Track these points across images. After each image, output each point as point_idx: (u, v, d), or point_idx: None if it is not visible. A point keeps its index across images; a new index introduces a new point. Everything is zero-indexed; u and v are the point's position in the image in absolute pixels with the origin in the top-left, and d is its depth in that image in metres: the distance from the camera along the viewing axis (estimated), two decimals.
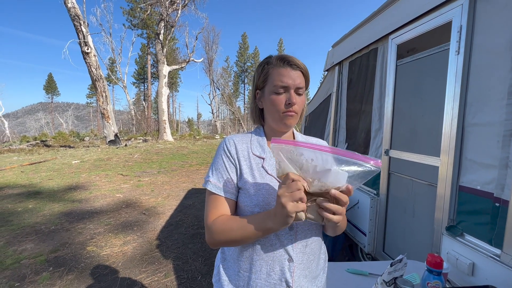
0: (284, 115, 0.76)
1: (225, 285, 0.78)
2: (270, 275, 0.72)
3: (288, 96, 0.75)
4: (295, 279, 0.72)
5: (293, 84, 0.74)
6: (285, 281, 0.72)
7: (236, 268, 0.77)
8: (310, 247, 0.76)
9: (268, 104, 0.78)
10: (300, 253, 0.73)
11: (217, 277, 0.83)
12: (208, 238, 0.73)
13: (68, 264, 2.60)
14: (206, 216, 0.75)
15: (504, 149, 1.16)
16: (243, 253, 0.75)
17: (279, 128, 0.82)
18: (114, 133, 12.44)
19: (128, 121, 34.58)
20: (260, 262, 0.73)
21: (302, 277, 0.74)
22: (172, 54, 30.48)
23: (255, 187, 0.74)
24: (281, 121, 0.78)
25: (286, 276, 0.72)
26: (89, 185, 5.65)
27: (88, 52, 11.22)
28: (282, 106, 0.75)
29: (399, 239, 1.91)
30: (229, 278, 0.78)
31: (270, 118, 0.81)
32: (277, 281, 0.72)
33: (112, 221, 3.73)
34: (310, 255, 0.76)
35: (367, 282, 1.28)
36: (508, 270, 1.10)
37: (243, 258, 0.75)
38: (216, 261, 0.88)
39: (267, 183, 0.75)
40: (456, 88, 1.39)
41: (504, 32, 1.18)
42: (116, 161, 8.58)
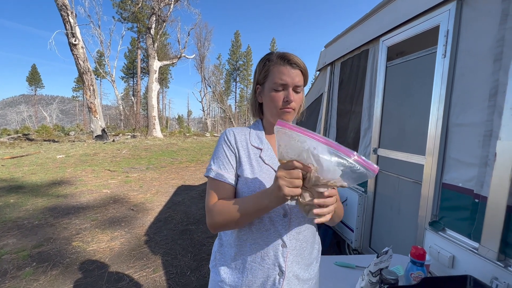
0: (281, 111, 0.79)
1: (221, 269, 0.81)
2: (264, 259, 0.75)
3: (286, 94, 0.78)
4: (288, 264, 0.75)
5: (292, 83, 0.77)
6: (278, 265, 0.75)
7: (233, 253, 0.79)
8: (303, 234, 0.79)
9: (267, 100, 0.81)
10: (293, 239, 0.76)
11: (213, 263, 0.86)
12: (208, 221, 0.75)
13: (53, 260, 2.54)
14: (207, 201, 0.78)
15: (484, 148, 1.23)
16: (239, 237, 0.78)
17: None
18: (101, 128, 12.13)
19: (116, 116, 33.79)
20: (255, 246, 0.76)
21: (295, 263, 0.76)
22: (163, 49, 29.97)
23: (252, 175, 0.77)
24: (279, 116, 0.81)
25: (280, 261, 0.74)
26: (74, 180, 5.50)
27: (75, 43, 10.88)
28: (280, 102, 0.78)
29: (385, 235, 1.98)
30: (225, 262, 0.81)
31: (269, 113, 0.84)
32: (271, 265, 0.75)
33: (99, 216, 3.66)
34: (303, 242, 0.79)
35: (354, 274, 1.33)
36: (485, 262, 1.17)
37: (240, 242, 0.78)
38: (214, 248, 0.90)
39: (264, 172, 0.78)
40: (442, 90, 1.46)
41: (486, 38, 1.24)
42: (103, 157, 8.38)
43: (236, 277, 0.78)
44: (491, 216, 1.16)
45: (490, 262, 1.14)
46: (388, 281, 1.07)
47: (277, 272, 0.75)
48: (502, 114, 1.12)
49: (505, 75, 1.14)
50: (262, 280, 0.76)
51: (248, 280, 0.77)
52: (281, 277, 0.75)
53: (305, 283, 0.80)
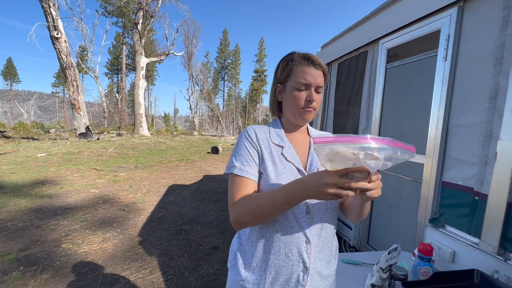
0: (303, 111, 0.81)
1: (242, 268, 0.81)
2: (288, 256, 0.75)
3: (308, 94, 0.79)
4: (312, 260, 0.76)
5: (315, 83, 0.79)
6: (302, 262, 0.75)
7: (254, 251, 0.79)
8: (325, 231, 0.80)
9: (289, 99, 0.82)
10: (316, 235, 0.77)
11: (233, 262, 0.85)
12: (233, 217, 0.73)
13: (42, 263, 2.42)
14: (231, 197, 0.76)
15: (484, 148, 1.29)
16: (262, 235, 0.78)
17: (297, 122, 0.86)
18: (85, 125, 11.68)
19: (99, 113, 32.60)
20: (279, 243, 0.76)
21: (317, 259, 0.77)
22: (149, 45, 29.26)
23: (276, 172, 0.77)
24: (300, 115, 0.82)
25: (304, 257, 0.75)
26: (59, 180, 5.27)
27: (58, 37, 10.40)
28: (302, 102, 0.80)
29: (383, 232, 2.03)
30: (246, 261, 0.81)
31: (290, 112, 0.85)
32: (295, 262, 0.75)
33: (88, 217, 3.52)
34: (325, 238, 0.80)
35: (361, 270, 1.36)
36: (485, 256, 1.23)
37: (263, 240, 0.78)
38: (232, 247, 0.90)
39: (287, 169, 0.78)
40: (442, 92, 1.51)
41: (487, 43, 1.30)
42: (88, 155, 8.08)
43: (259, 275, 0.78)
44: (491, 212, 1.22)
45: (491, 256, 1.20)
46: (398, 276, 1.10)
47: (301, 269, 0.75)
48: (503, 115, 1.18)
49: (505, 79, 1.20)
50: (286, 277, 0.76)
51: (271, 278, 0.77)
52: (305, 274, 0.75)
53: (326, 279, 0.81)
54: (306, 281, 0.75)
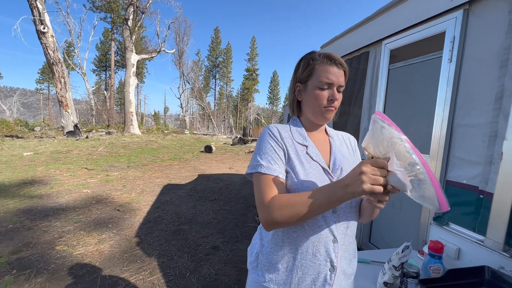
0: (325, 110, 0.81)
1: (265, 270, 0.80)
2: (315, 255, 0.75)
3: (331, 93, 0.79)
4: (339, 259, 0.76)
5: (337, 82, 0.79)
6: (330, 261, 0.75)
7: (279, 252, 0.78)
8: (351, 229, 0.80)
9: (311, 98, 0.82)
10: (342, 234, 0.77)
11: (254, 264, 0.84)
12: (267, 218, 0.71)
13: (36, 266, 2.33)
14: (260, 197, 0.73)
15: (489, 148, 1.33)
16: (289, 236, 0.77)
17: (317, 121, 0.86)
18: (73, 123, 11.35)
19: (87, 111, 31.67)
20: (307, 243, 0.75)
21: (343, 258, 0.77)
22: (139, 42, 28.69)
23: (304, 171, 0.76)
24: (322, 115, 0.82)
25: (331, 256, 0.75)
26: (48, 180, 5.09)
27: (44, 31, 10.04)
28: (324, 101, 0.80)
29: (385, 231, 2.07)
30: (269, 263, 0.79)
31: (311, 111, 0.84)
32: (322, 261, 0.75)
33: (82, 218, 3.42)
34: (350, 237, 0.80)
35: (370, 268, 1.37)
36: (490, 252, 1.26)
37: (288, 240, 0.77)
38: (252, 248, 0.89)
39: (314, 169, 0.78)
40: (447, 93, 1.55)
41: (492, 45, 1.34)
42: (78, 154, 7.85)
43: (285, 276, 0.77)
44: (497, 210, 1.26)
45: (496, 253, 1.24)
46: (411, 274, 1.12)
47: (328, 268, 0.75)
48: (508, 116, 1.22)
49: (510, 80, 1.24)
50: (312, 277, 0.75)
51: (297, 278, 0.76)
52: (332, 273, 0.75)
53: (349, 278, 0.82)
54: (334, 280, 0.75)
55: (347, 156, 0.87)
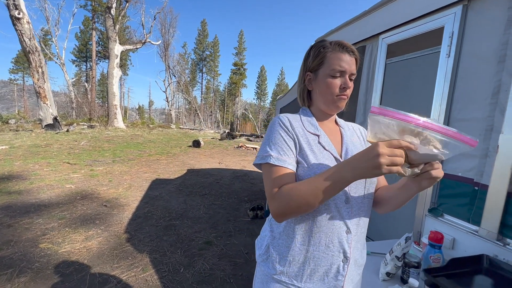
0: (337, 98, 0.79)
1: (276, 262, 0.78)
2: (328, 246, 0.74)
3: (343, 81, 0.78)
4: (352, 250, 0.75)
5: (349, 70, 0.78)
6: (343, 251, 0.74)
7: (291, 244, 0.76)
8: (363, 220, 0.80)
9: (323, 87, 0.80)
10: (355, 225, 0.76)
11: (264, 256, 0.82)
12: (275, 209, 0.70)
13: (18, 265, 2.20)
14: (269, 189, 0.72)
15: (485, 141, 1.37)
16: (300, 227, 0.75)
17: (329, 111, 0.84)
18: (52, 116, 10.78)
19: (66, 104, 30.21)
20: (320, 234, 0.74)
21: (355, 249, 0.77)
22: (122, 33, 27.58)
23: (316, 161, 0.74)
24: (334, 103, 0.81)
25: (345, 247, 0.74)
26: (27, 175, 4.82)
27: (19, 17, 9.39)
28: (337, 89, 0.78)
29: (380, 223, 2.11)
30: (281, 255, 0.78)
31: (322, 100, 0.82)
32: (336, 252, 0.74)
33: (66, 214, 3.26)
34: (362, 227, 0.80)
35: (370, 259, 1.39)
36: (484, 242, 1.31)
37: (300, 232, 0.75)
38: (261, 241, 0.87)
39: (326, 159, 0.76)
40: (444, 88, 1.58)
41: (491, 41, 1.37)
42: (59, 148, 7.48)
43: (297, 268, 0.76)
44: (492, 201, 1.30)
45: (490, 242, 1.28)
46: (412, 264, 1.15)
47: (341, 259, 0.74)
48: (505, 110, 1.26)
49: (508, 76, 1.27)
50: (325, 268, 0.74)
51: (310, 270, 0.75)
52: (345, 264, 0.75)
53: (360, 268, 0.82)
54: (347, 271, 0.75)
55: (358, 146, 0.86)
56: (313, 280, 0.75)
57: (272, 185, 0.72)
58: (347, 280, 0.76)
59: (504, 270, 1.07)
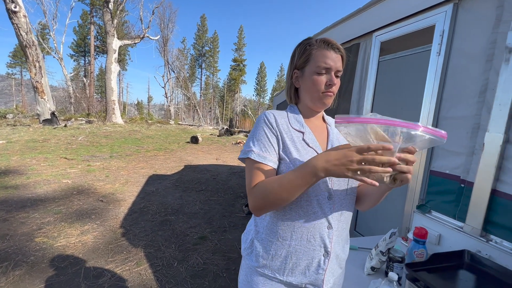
0: (323, 95, 0.80)
1: (259, 255, 0.80)
2: (310, 241, 0.76)
3: (329, 78, 0.80)
4: (333, 245, 0.77)
5: (335, 67, 0.80)
6: (324, 246, 0.76)
7: (273, 238, 0.78)
8: (344, 216, 0.81)
9: (309, 84, 0.81)
10: (336, 220, 0.78)
11: (249, 250, 0.84)
12: (252, 204, 0.73)
13: (13, 259, 2.22)
14: (248, 183, 0.75)
15: (472, 139, 1.39)
16: (283, 222, 0.77)
17: (315, 108, 0.86)
18: (50, 111, 10.75)
19: (64, 98, 30.05)
20: (301, 229, 0.76)
21: (336, 243, 0.79)
22: (120, 27, 27.35)
23: (299, 158, 0.76)
24: (320, 100, 0.82)
25: (326, 242, 0.76)
26: (24, 169, 4.83)
27: (16, 10, 9.30)
28: (322, 86, 0.79)
29: (370, 219, 2.14)
30: (264, 248, 0.80)
31: (308, 97, 0.84)
32: (317, 247, 0.76)
33: (63, 209, 3.29)
34: (344, 222, 0.82)
35: (358, 254, 1.42)
36: (469, 238, 1.34)
37: (283, 227, 0.77)
38: (247, 235, 0.89)
39: (310, 155, 0.77)
40: (434, 86, 1.59)
41: (480, 39, 1.38)
42: (56, 143, 7.48)
43: (279, 262, 0.78)
44: (476, 198, 1.32)
45: (474, 238, 1.31)
46: (396, 259, 1.17)
47: (322, 253, 0.76)
48: (491, 109, 1.27)
49: (495, 75, 1.29)
50: (307, 262, 0.76)
51: (292, 263, 0.77)
52: (326, 258, 0.77)
53: (342, 262, 0.84)
54: (327, 264, 0.77)
55: (344, 143, 0.88)
56: (295, 273, 0.77)
57: (251, 181, 0.75)
58: (328, 274, 0.78)
59: (484, 265, 1.09)
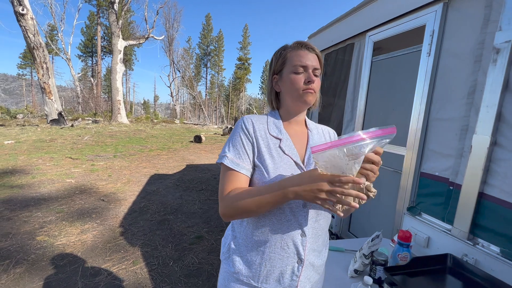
0: (304, 93, 0.79)
1: (236, 260, 0.81)
2: (283, 249, 0.76)
3: (306, 75, 0.79)
4: (306, 252, 0.77)
5: (311, 65, 0.79)
6: (297, 254, 0.76)
7: (249, 244, 0.79)
8: (319, 223, 0.81)
9: (288, 84, 0.81)
10: (311, 228, 0.78)
11: (226, 255, 0.85)
12: (222, 210, 0.74)
13: (15, 257, 2.29)
14: (221, 190, 0.77)
15: (461, 141, 1.37)
16: (258, 229, 0.77)
17: (298, 108, 0.85)
18: (57, 111, 10.97)
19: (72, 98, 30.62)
20: (275, 237, 0.76)
21: (311, 250, 0.78)
22: (126, 28, 27.66)
23: (273, 166, 0.76)
24: (301, 98, 0.80)
25: (299, 249, 0.76)
26: (30, 169, 4.95)
27: (23, 13, 9.50)
28: (301, 84, 0.79)
29: (363, 220, 2.13)
30: (240, 254, 0.80)
31: (289, 98, 0.83)
32: (290, 254, 0.76)
33: (64, 208, 3.37)
34: (319, 230, 0.81)
35: (344, 256, 1.42)
36: (456, 241, 1.32)
37: (258, 233, 0.77)
38: (225, 240, 0.89)
39: (285, 163, 0.77)
40: (425, 87, 1.57)
41: (469, 40, 1.36)
42: (62, 143, 7.64)
43: (254, 268, 0.78)
44: (464, 201, 1.31)
45: (461, 241, 1.30)
46: (379, 262, 1.17)
47: (296, 261, 0.76)
48: (479, 111, 1.25)
49: (483, 76, 1.26)
50: (281, 269, 0.76)
51: (266, 270, 0.77)
52: (300, 265, 0.76)
53: (319, 268, 0.83)
54: (301, 272, 0.77)
55: None
56: (269, 280, 0.77)
57: (223, 187, 0.76)
58: (303, 281, 0.77)
59: (467, 269, 1.08)
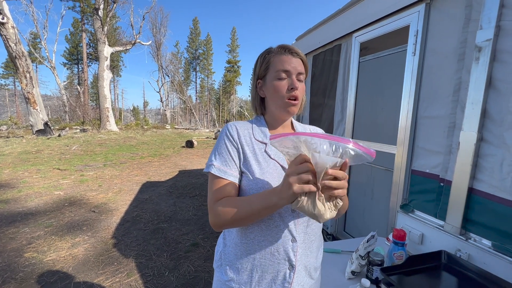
0: (287, 103, 0.79)
1: (228, 268, 0.80)
2: (274, 255, 0.75)
3: (290, 82, 0.78)
4: (298, 258, 0.76)
5: (295, 70, 0.78)
6: (288, 259, 0.75)
7: (239, 251, 0.78)
8: (311, 227, 0.80)
9: (271, 90, 0.80)
10: (302, 233, 0.77)
11: (218, 263, 0.84)
12: (212, 220, 0.73)
13: (1, 276, 2.20)
14: (210, 199, 0.75)
15: (448, 138, 1.39)
16: (247, 236, 0.77)
17: (281, 116, 0.84)
18: (43, 121, 10.68)
19: (59, 107, 29.83)
20: (265, 243, 0.75)
21: (304, 256, 0.78)
22: (112, 34, 27.26)
23: (260, 171, 0.75)
24: (284, 108, 0.80)
25: (290, 255, 0.75)
26: (16, 183, 4.78)
27: (3, 22, 9.23)
28: (284, 91, 0.78)
29: (358, 219, 2.14)
30: (231, 262, 0.79)
31: (273, 105, 0.83)
32: (281, 260, 0.75)
33: (53, 222, 3.26)
34: (311, 235, 0.80)
35: (341, 258, 1.42)
36: (449, 237, 1.34)
37: (247, 241, 0.76)
38: (217, 247, 0.88)
39: (271, 167, 0.77)
40: (411, 86, 1.60)
41: (451, 39, 1.39)
42: (49, 154, 7.43)
43: (245, 275, 0.77)
44: (455, 197, 1.33)
45: (454, 237, 1.32)
46: (376, 262, 1.17)
47: (287, 267, 0.75)
48: (465, 108, 1.28)
49: (467, 74, 1.29)
50: (272, 275, 0.76)
51: (258, 277, 0.76)
52: (292, 271, 0.75)
53: (313, 273, 0.83)
54: (293, 278, 0.76)
55: None
56: (261, 287, 0.76)
57: (212, 196, 0.75)
58: (295, 286, 0.77)
59: (461, 265, 1.10)
